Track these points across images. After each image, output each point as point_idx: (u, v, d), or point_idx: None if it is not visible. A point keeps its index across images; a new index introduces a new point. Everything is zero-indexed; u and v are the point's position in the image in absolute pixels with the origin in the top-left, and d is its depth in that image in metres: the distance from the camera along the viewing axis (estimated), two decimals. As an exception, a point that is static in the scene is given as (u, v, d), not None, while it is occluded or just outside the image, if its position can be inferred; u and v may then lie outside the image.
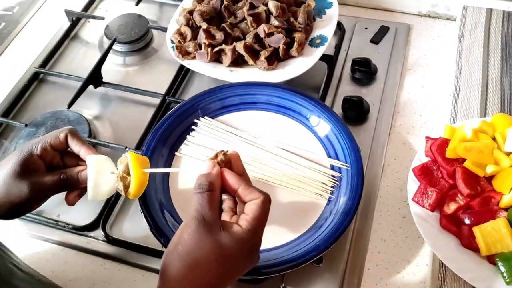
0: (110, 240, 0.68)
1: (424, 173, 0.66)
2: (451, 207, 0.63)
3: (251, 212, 0.48)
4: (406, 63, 0.86)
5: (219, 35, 0.79)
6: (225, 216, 0.51)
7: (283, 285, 0.62)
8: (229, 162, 0.52)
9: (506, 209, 0.61)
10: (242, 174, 0.52)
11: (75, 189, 0.59)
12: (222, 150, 0.52)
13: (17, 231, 0.70)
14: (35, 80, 0.88)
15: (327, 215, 0.63)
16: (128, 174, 0.55)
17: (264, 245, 0.61)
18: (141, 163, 0.56)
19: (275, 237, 0.62)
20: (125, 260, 0.67)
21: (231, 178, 0.50)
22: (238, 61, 0.79)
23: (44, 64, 0.89)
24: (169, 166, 0.69)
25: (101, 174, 0.56)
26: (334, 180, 0.67)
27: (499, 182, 0.63)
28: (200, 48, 0.79)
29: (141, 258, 0.67)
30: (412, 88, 0.82)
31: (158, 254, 0.65)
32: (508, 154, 0.64)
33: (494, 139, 0.67)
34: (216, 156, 0.51)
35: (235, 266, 0.47)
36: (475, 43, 0.84)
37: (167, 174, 0.68)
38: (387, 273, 0.64)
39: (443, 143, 0.67)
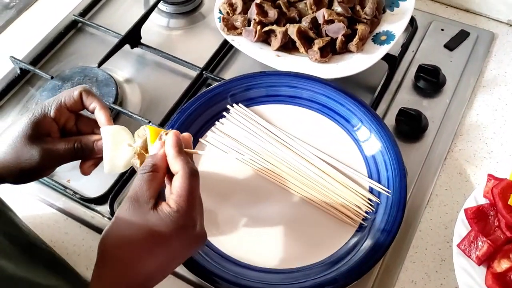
0: (115, 220, 0.63)
1: (478, 217, 0.56)
2: (502, 265, 0.54)
3: (175, 189, 0.44)
4: (481, 79, 0.74)
5: (273, 13, 0.70)
6: None
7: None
8: None
9: None
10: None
11: (90, 158, 0.55)
12: (166, 131, 0.48)
13: (21, 190, 0.66)
14: (72, 29, 0.83)
15: (354, 245, 0.55)
16: (146, 150, 0.51)
17: (272, 265, 0.54)
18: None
19: (291, 258, 0.55)
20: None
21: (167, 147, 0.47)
22: (288, 46, 0.70)
23: (84, 13, 0.84)
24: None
25: (117, 146, 0.52)
26: (371, 205, 0.58)
27: None
28: (249, 25, 0.71)
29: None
30: (483, 109, 0.71)
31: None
32: None
33: None
34: (161, 137, 0.48)
35: (168, 246, 0.44)
36: None
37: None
38: (410, 322, 0.55)
39: (508, 187, 0.56)
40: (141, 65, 0.79)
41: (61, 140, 0.53)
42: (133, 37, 0.78)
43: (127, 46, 0.78)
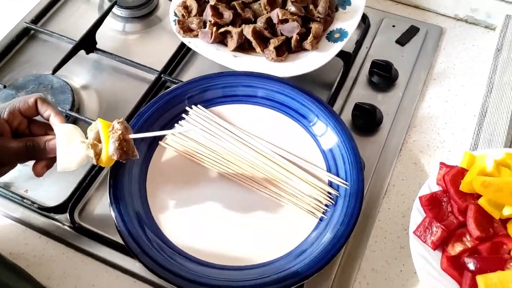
0: (76, 227, 0.62)
1: (432, 204, 0.59)
2: (456, 248, 0.56)
3: None
4: (431, 72, 0.77)
5: (228, 14, 0.70)
6: None
7: (254, 308, 0.56)
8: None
9: (518, 260, 0.54)
10: None
11: (43, 159, 0.56)
12: (118, 120, 0.53)
13: (-22, 203, 0.64)
14: (25, 36, 0.81)
15: (315, 238, 0.56)
16: (99, 141, 0.53)
17: (240, 262, 0.55)
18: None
19: (251, 254, 0.56)
20: (89, 252, 0.61)
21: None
22: (244, 47, 0.71)
23: (36, 20, 0.82)
24: (151, 156, 0.62)
25: (70, 144, 0.53)
26: (330, 198, 0.59)
27: (516, 228, 0.55)
28: (205, 26, 0.71)
29: (107, 252, 0.61)
30: (434, 101, 0.74)
31: (125, 250, 0.59)
32: (531, 197, 0.56)
33: (517, 176, 0.59)
34: (113, 127, 0.53)
35: None
36: (513, 60, 0.75)
37: (146, 168, 0.61)
38: (373, 310, 0.57)
39: (459, 173, 0.59)
40: (98, 70, 0.78)
41: (14, 139, 0.55)
42: (88, 43, 0.77)
43: (82, 52, 0.77)
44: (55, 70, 0.72)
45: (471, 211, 0.56)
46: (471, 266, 0.54)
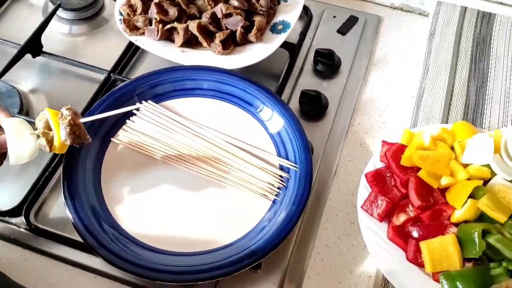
0: (32, 228, 0.62)
1: (377, 179, 0.62)
2: (400, 219, 0.60)
3: None
4: (372, 58, 0.81)
5: (173, 11, 0.72)
6: None
7: (216, 290, 0.58)
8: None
9: (456, 225, 0.58)
10: None
11: None
12: (66, 107, 0.54)
13: None
14: (-33, 43, 0.80)
15: (269, 219, 0.59)
16: (50, 130, 0.54)
17: (198, 247, 0.57)
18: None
19: (212, 238, 0.58)
20: (48, 252, 0.61)
21: None
22: (191, 42, 0.73)
23: (-22, 26, 0.81)
24: (103, 153, 0.63)
25: (20, 136, 0.54)
26: (282, 181, 0.62)
27: (453, 196, 0.59)
28: (151, 24, 0.72)
29: (65, 250, 0.61)
30: (376, 85, 0.78)
31: (83, 248, 0.60)
32: (465, 166, 0.61)
33: (452, 148, 0.63)
34: (62, 114, 0.53)
35: None
36: (446, 43, 0.80)
37: (99, 165, 0.62)
38: (328, 283, 0.60)
39: (399, 149, 0.63)
40: (46, 74, 0.78)
41: None
42: (33, 46, 0.76)
43: (28, 56, 0.76)
44: (0, 75, 0.71)
45: (412, 183, 0.60)
46: (415, 233, 0.58)
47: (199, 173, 0.62)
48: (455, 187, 0.60)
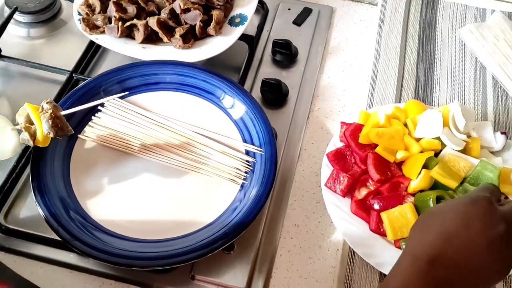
0: (3, 230, 0.62)
1: (338, 158, 0.66)
2: (362, 193, 0.63)
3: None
4: (327, 47, 0.85)
5: (131, 9, 0.73)
6: None
7: (192, 273, 0.60)
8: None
9: (413, 194, 0.62)
10: None
11: None
12: (46, 101, 0.55)
13: None
14: None
15: (239, 201, 0.61)
16: (31, 124, 0.55)
17: (172, 233, 0.58)
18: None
19: (184, 224, 0.60)
20: (21, 251, 0.61)
21: None
22: (152, 38, 0.74)
23: None
24: (71, 150, 0.64)
25: (1, 132, 0.54)
26: (248, 165, 0.65)
27: (408, 168, 0.64)
28: (110, 22, 0.74)
29: (39, 248, 0.61)
30: (332, 72, 0.82)
31: (57, 244, 0.60)
32: (417, 140, 0.66)
33: (406, 125, 0.68)
34: (42, 108, 0.54)
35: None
36: (394, 29, 0.85)
37: (68, 162, 0.63)
38: (299, 259, 0.63)
39: (357, 129, 0.67)
40: (6, 78, 0.78)
41: None
42: (-8, 51, 0.76)
43: (-14, 61, 0.76)
44: (-41, 80, 0.71)
45: (371, 159, 0.64)
46: (376, 205, 0.62)
47: (167, 163, 0.64)
48: (410, 160, 0.64)
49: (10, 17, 0.79)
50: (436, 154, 0.65)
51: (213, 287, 0.60)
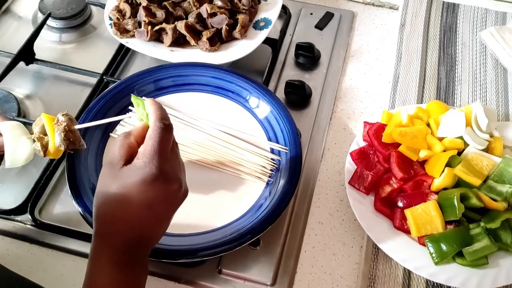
0: (38, 224, 0.64)
1: (361, 157, 0.67)
2: (385, 190, 0.64)
3: (143, 145, 0.47)
4: (349, 50, 0.87)
5: (160, 14, 0.76)
6: None
7: (219, 268, 0.61)
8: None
9: (436, 192, 0.63)
10: None
11: None
12: (62, 113, 0.54)
13: None
14: (-40, 55, 0.82)
15: (265, 198, 0.63)
16: (45, 135, 0.55)
17: (201, 228, 0.60)
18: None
19: (213, 220, 0.61)
20: (54, 245, 0.64)
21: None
22: (180, 41, 0.77)
23: (-29, 38, 0.83)
24: (103, 148, 0.66)
25: (17, 140, 0.55)
26: (274, 163, 0.66)
27: (431, 166, 0.64)
28: (140, 26, 0.76)
29: (71, 242, 0.64)
30: (354, 74, 0.83)
31: (89, 238, 0.62)
32: (440, 139, 0.66)
33: (428, 125, 0.69)
34: (57, 119, 0.53)
35: (142, 196, 0.46)
36: (415, 32, 0.86)
37: (100, 159, 0.65)
38: (323, 255, 0.64)
39: (380, 128, 0.68)
40: (40, 80, 0.81)
41: None
42: (26, 54, 0.79)
43: (22, 64, 0.79)
44: (-3, 81, 0.74)
45: (394, 158, 0.65)
46: (399, 203, 0.63)
47: (195, 162, 0.66)
48: (433, 159, 0.65)
49: (43, 22, 0.83)
50: (459, 153, 0.66)
51: (240, 281, 0.61)
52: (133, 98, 0.52)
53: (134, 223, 0.46)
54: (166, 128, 0.47)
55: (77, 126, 0.56)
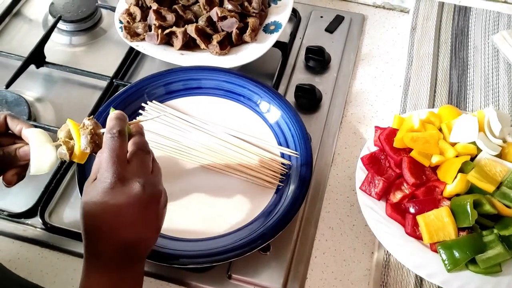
0: (48, 228, 0.64)
1: (372, 162, 0.67)
2: (397, 196, 0.64)
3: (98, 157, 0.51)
4: (359, 53, 0.86)
5: (170, 17, 0.76)
6: None
7: (229, 273, 0.61)
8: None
9: (449, 198, 0.62)
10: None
11: (13, 167, 0.57)
12: (88, 118, 0.54)
13: None
14: (-28, 58, 0.83)
15: (275, 203, 0.63)
16: (71, 139, 0.55)
17: (211, 233, 0.60)
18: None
19: (223, 225, 0.61)
20: (64, 249, 0.64)
21: None
22: (190, 45, 0.77)
23: (-18, 42, 0.84)
24: (114, 151, 0.66)
25: (42, 147, 0.55)
26: (284, 168, 0.66)
27: (443, 172, 0.64)
28: (150, 30, 0.76)
29: (81, 246, 0.63)
30: (365, 78, 0.83)
31: (99, 242, 0.63)
32: (452, 144, 0.66)
33: (440, 129, 0.68)
34: (84, 124, 0.54)
35: (110, 206, 0.47)
36: (427, 36, 0.85)
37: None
38: (334, 261, 0.64)
39: (391, 133, 0.67)
40: (50, 83, 0.81)
41: None
42: (37, 57, 0.80)
43: (32, 67, 0.80)
44: (8, 85, 0.75)
45: (405, 163, 0.64)
46: (411, 209, 0.62)
47: (205, 166, 0.66)
48: (445, 164, 0.64)
49: (54, 25, 0.83)
50: (472, 159, 0.65)
51: (250, 287, 0.61)
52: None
53: (109, 232, 0.47)
54: (113, 137, 0.49)
55: (103, 130, 0.57)
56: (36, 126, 0.71)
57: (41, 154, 0.55)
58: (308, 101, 0.76)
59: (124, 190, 0.47)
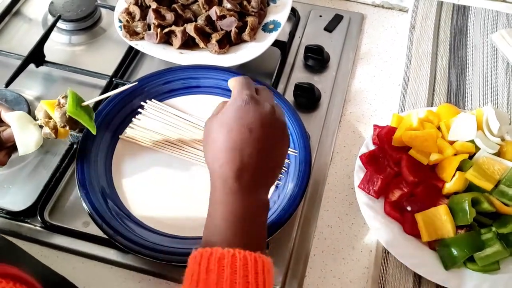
0: (48, 226, 0.64)
1: (371, 160, 0.67)
2: (395, 194, 0.64)
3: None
4: (358, 52, 0.86)
5: (169, 16, 0.76)
6: None
7: (228, 271, 0.61)
8: None
9: (447, 196, 0.63)
10: None
11: (1, 149, 0.60)
12: (61, 95, 0.57)
13: None
14: (-29, 57, 0.83)
15: (274, 201, 0.63)
16: (50, 118, 0.58)
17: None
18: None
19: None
20: (64, 247, 0.64)
21: None
22: (189, 44, 0.77)
23: (-19, 41, 0.84)
24: (113, 149, 0.67)
25: (24, 127, 0.58)
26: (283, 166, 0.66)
27: (442, 170, 0.64)
28: (149, 29, 0.77)
29: (81, 244, 0.64)
30: (364, 77, 0.83)
31: (98, 240, 0.63)
32: (451, 143, 0.66)
33: (439, 128, 0.68)
34: (59, 101, 0.56)
35: (242, 123, 0.48)
36: (426, 35, 0.86)
37: (110, 161, 0.66)
38: (332, 259, 0.64)
39: (390, 131, 0.68)
40: (49, 82, 0.81)
41: None
42: (36, 56, 0.80)
43: (32, 66, 0.80)
44: (8, 84, 0.75)
45: (404, 161, 0.65)
46: (410, 207, 0.63)
47: (204, 164, 0.66)
48: (444, 162, 0.64)
49: (53, 25, 0.83)
50: (470, 157, 0.65)
51: (248, 285, 0.61)
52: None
53: (238, 150, 0.47)
54: (243, 77, 0.53)
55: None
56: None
57: (25, 135, 0.58)
58: (307, 100, 0.76)
59: (258, 108, 0.49)
